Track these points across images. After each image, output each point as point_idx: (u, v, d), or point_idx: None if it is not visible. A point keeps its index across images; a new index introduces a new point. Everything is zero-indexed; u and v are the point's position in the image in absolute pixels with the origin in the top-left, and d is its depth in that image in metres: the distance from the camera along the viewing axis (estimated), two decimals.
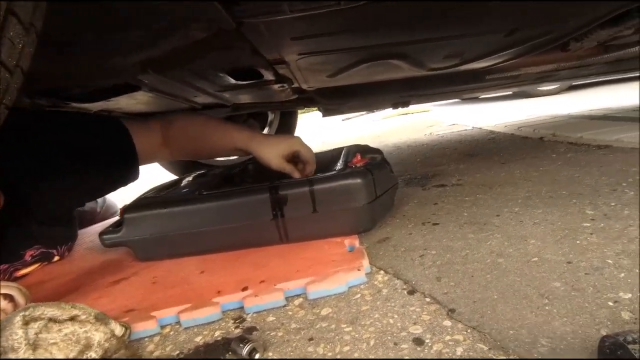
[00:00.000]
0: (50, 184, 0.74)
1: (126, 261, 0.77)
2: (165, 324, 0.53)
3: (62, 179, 0.75)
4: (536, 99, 3.24)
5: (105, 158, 0.78)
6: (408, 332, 0.43)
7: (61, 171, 0.74)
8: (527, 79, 1.28)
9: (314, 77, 0.89)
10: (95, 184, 0.80)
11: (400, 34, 0.66)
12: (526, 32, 0.71)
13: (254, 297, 0.52)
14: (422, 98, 1.71)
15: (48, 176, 0.74)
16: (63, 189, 0.76)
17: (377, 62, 0.78)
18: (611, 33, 0.73)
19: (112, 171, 0.80)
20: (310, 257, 0.63)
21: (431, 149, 1.67)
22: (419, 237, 0.69)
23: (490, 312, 0.44)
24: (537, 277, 0.49)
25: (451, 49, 0.78)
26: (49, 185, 0.74)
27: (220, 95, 0.95)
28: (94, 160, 0.76)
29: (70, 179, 0.75)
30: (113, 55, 0.57)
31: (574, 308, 0.42)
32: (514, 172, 1.02)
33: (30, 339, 0.37)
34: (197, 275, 0.64)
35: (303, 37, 0.59)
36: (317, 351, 0.42)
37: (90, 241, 0.97)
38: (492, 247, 0.60)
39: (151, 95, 0.86)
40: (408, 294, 0.51)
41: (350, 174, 0.68)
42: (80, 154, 0.75)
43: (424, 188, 1.02)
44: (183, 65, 0.69)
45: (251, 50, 0.64)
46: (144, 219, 0.70)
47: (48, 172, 0.74)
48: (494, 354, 0.38)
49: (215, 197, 0.71)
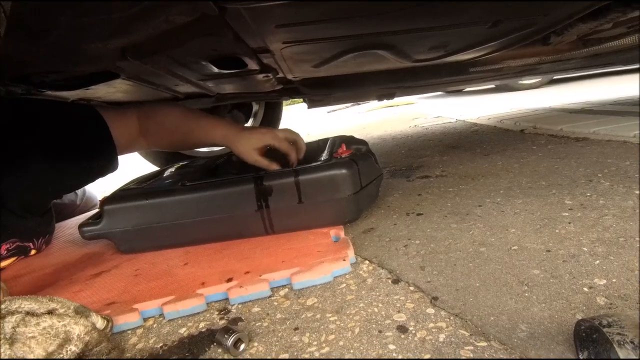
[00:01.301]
0: (24, 176, 0.71)
1: (107, 254, 0.75)
2: (148, 316, 0.52)
3: (37, 171, 0.72)
4: (518, 93, 3.30)
5: (81, 148, 0.75)
6: (392, 320, 0.44)
7: (35, 162, 0.71)
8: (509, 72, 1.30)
9: (299, 67, 0.88)
10: (72, 175, 0.77)
11: (385, 24, 0.65)
12: (509, 24, 0.72)
13: (239, 288, 0.52)
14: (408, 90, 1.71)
15: (21, 168, 0.71)
16: (37, 180, 0.73)
17: (363, 53, 0.78)
18: (591, 27, 0.74)
19: (89, 162, 0.77)
20: (295, 247, 0.63)
21: (416, 140, 1.68)
22: (404, 227, 0.69)
23: (472, 299, 0.45)
24: (517, 265, 0.51)
25: (436, 40, 0.78)
26: (23, 177, 0.71)
27: (203, 85, 0.93)
28: (69, 151, 0.74)
29: (45, 171, 0.72)
30: (89, 39, 0.55)
31: (552, 294, 0.44)
32: (496, 164, 1.04)
33: (7, 333, 0.36)
34: (181, 267, 0.63)
35: (287, 24, 0.58)
36: (302, 340, 0.43)
37: (70, 234, 0.95)
38: (474, 236, 0.61)
39: (131, 83, 0.83)
40: (392, 283, 0.52)
41: (336, 165, 0.68)
42: (54, 143, 0.72)
43: (409, 179, 1.03)
44: (163, 52, 0.67)
45: (234, 38, 0.63)
46: (124, 210, 0.69)
47: (21, 164, 0.71)
48: (475, 339, 0.38)
49: (199, 188, 0.70)
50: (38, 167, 0.71)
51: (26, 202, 0.75)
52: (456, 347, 0.38)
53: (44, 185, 0.75)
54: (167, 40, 0.61)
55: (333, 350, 0.40)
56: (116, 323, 0.49)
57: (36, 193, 0.76)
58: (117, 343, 0.47)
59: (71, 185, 0.86)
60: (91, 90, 0.85)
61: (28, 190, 0.73)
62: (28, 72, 0.70)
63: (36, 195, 0.77)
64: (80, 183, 0.86)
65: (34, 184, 0.73)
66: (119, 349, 0.44)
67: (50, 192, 0.82)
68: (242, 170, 0.76)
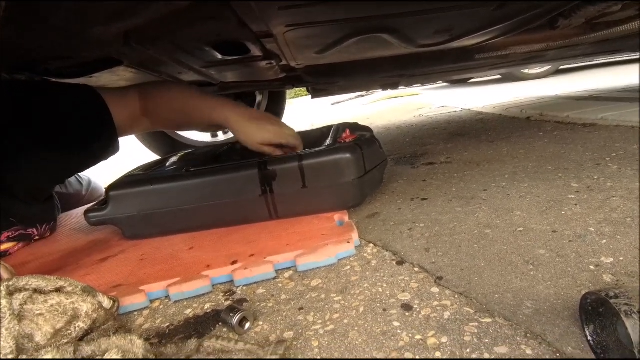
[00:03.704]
0: (24, 161, 0.71)
1: (113, 240, 0.76)
2: (155, 298, 0.52)
3: (36, 155, 0.71)
4: (524, 82, 3.26)
5: (82, 131, 0.74)
6: (397, 299, 0.44)
7: (34, 147, 0.70)
8: (515, 59, 1.29)
9: (303, 54, 0.87)
10: (72, 159, 0.76)
11: (389, 6, 0.64)
12: (515, 5, 0.71)
13: (244, 270, 0.52)
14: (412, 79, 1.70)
15: (21, 153, 0.71)
16: (37, 165, 0.72)
17: (366, 37, 0.77)
18: (599, 9, 0.73)
19: (90, 144, 0.76)
20: (299, 231, 0.63)
21: (420, 129, 1.67)
22: (408, 211, 0.69)
23: (477, 278, 0.45)
24: (523, 246, 0.50)
25: (441, 24, 0.77)
26: (23, 163, 0.71)
27: (206, 72, 0.93)
28: (70, 133, 0.73)
29: (46, 154, 0.72)
30: (93, 23, 0.55)
31: (558, 273, 0.43)
32: (501, 150, 1.03)
33: (15, 310, 0.36)
34: (186, 252, 0.63)
35: (291, 7, 0.58)
36: (307, 319, 0.43)
37: (76, 222, 0.96)
38: (479, 219, 0.61)
39: (134, 71, 0.83)
40: (397, 264, 0.52)
41: (340, 149, 0.68)
42: (55, 126, 0.71)
43: (413, 166, 1.02)
44: (166, 37, 0.67)
45: (238, 22, 0.63)
46: (130, 196, 0.69)
47: (20, 149, 0.70)
48: (480, 316, 0.38)
49: (203, 173, 0.70)
50: (37, 152, 0.71)
51: (28, 188, 0.75)
52: (461, 323, 0.38)
53: (44, 170, 0.74)
54: (170, 25, 0.61)
55: (338, 327, 0.40)
56: (123, 304, 0.50)
57: (37, 178, 0.75)
58: (124, 323, 0.48)
59: (73, 169, 0.84)
60: (94, 78, 0.85)
61: (29, 176, 0.73)
62: (31, 59, 0.70)
63: (37, 181, 0.76)
64: (81, 167, 0.83)
65: (34, 169, 0.72)
66: (125, 329, 0.44)
67: (52, 177, 0.81)
68: (245, 157, 0.76)
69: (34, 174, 0.75)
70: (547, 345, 0.33)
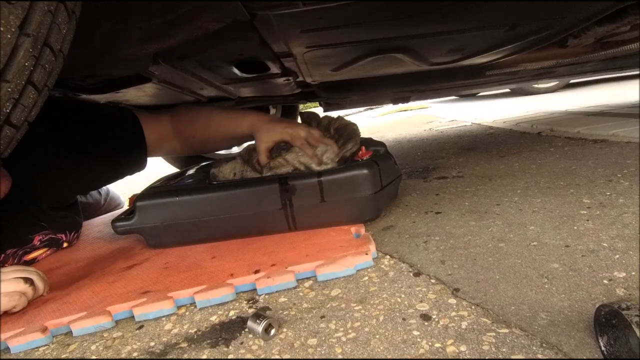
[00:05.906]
0: (60, 170, 0.76)
1: (136, 248, 0.79)
2: (181, 304, 0.55)
3: (71, 165, 0.76)
4: (534, 97, 3.28)
5: (115, 145, 0.80)
6: (415, 309, 0.45)
7: (71, 157, 0.76)
8: (526, 75, 1.31)
9: (319, 71, 0.91)
10: (103, 170, 0.82)
11: (405, 28, 0.68)
12: (526, 27, 0.73)
13: (266, 279, 0.55)
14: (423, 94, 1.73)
15: (58, 162, 0.76)
16: (72, 174, 0.78)
17: (382, 56, 0.80)
18: (608, 29, 0.75)
19: (121, 158, 0.82)
20: (318, 243, 0.65)
21: (431, 143, 1.70)
22: (423, 224, 0.71)
23: (493, 290, 0.47)
24: (537, 260, 0.52)
25: (454, 44, 0.80)
26: (59, 171, 0.76)
27: (225, 88, 0.97)
28: (104, 147, 0.78)
29: (79, 165, 0.77)
30: (128, 44, 0.59)
31: (571, 286, 0.45)
32: (512, 165, 1.05)
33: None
34: (209, 261, 0.66)
35: (312, 29, 0.61)
36: (329, 327, 0.45)
37: (98, 231, 0.99)
38: (493, 233, 0.63)
39: (159, 87, 0.88)
40: (414, 275, 0.53)
41: (358, 165, 0.71)
42: (91, 140, 0.77)
43: (425, 180, 1.04)
44: (193, 56, 0.71)
45: (260, 42, 0.66)
46: (156, 206, 0.72)
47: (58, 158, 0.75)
48: (497, 326, 0.40)
49: (226, 186, 0.73)
50: (74, 164, 0.76)
51: (60, 196, 0.80)
52: (478, 333, 0.40)
53: (78, 181, 0.79)
54: (198, 45, 0.65)
55: (359, 335, 0.42)
56: (152, 310, 0.52)
57: (71, 188, 0.80)
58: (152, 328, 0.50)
59: (101, 181, 0.90)
60: (121, 94, 0.89)
61: (64, 185, 0.78)
62: (66, 77, 0.75)
63: (70, 190, 0.81)
64: (109, 179, 0.90)
65: (70, 180, 0.77)
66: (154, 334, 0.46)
67: (80, 188, 0.86)
68: None
69: (63, 184, 0.79)
70: (563, 355, 0.35)
